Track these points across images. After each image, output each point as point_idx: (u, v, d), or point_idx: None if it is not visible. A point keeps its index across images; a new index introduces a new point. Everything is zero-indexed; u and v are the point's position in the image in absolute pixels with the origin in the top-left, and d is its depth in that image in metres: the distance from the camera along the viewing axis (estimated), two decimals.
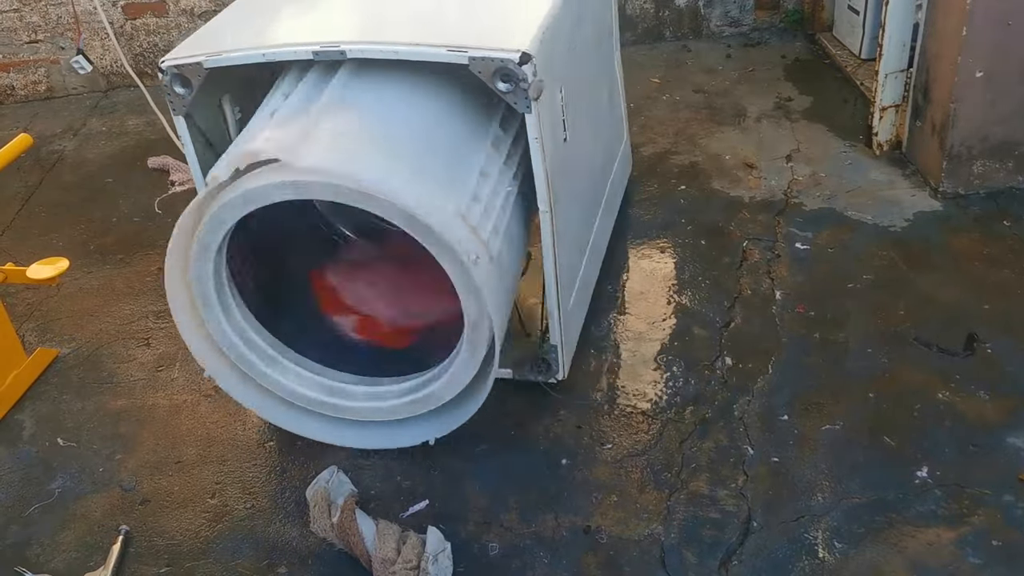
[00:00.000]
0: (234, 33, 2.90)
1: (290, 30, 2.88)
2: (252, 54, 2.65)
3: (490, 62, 2.45)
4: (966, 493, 2.68)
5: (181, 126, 2.80)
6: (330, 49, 2.57)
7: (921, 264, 3.57)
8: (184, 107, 2.74)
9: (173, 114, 2.78)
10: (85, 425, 3.23)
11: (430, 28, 2.76)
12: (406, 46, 2.54)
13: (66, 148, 5.09)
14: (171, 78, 2.69)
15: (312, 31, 2.83)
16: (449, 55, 2.49)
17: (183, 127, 2.79)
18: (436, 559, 2.54)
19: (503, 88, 2.48)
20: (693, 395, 3.10)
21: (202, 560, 2.72)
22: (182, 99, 2.72)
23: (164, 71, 2.70)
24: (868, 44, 4.86)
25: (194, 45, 2.80)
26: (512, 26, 2.67)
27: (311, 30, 2.85)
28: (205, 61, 2.65)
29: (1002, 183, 3.89)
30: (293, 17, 2.97)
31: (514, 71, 2.44)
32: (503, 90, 2.49)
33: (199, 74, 2.67)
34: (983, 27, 3.54)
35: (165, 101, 2.80)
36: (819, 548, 2.57)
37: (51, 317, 3.77)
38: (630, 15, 5.53)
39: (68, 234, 4.31)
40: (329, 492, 2.71)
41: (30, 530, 2.86)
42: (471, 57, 2.46)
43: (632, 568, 2.58)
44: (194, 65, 2.66)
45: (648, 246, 3.84)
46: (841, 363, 3.16)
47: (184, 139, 2.82)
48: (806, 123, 4.60)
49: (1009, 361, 3.09)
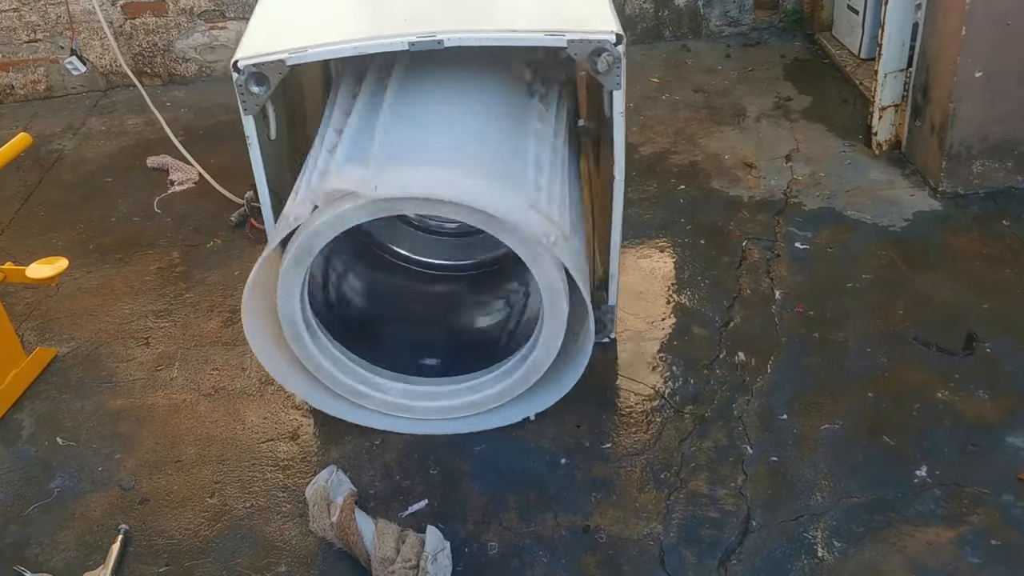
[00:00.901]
0: (296, 27, 2.90)
1: (362, 22, 2.89)
2: (343, 48, 2.66)
3: (588, 44, 2.62)
4: (965, 492, 2.68)
5: (249, 126, 2.76)
6: (427, 39, 2.62)
7: (920, 264, 3.57)
8: (258, 106, 2.71)
9: (244, 114, 2.73)
10: (84, 424, 3.23)
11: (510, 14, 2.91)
12: (505, 32, 2.69)
13: (65, 147, 5.09)
14: (247, 77, 2.66)
15: (384, 22, 2.82)
16: (548, 39, 2.65)
17: (251, 125, 2.76)
18: (435, 558, 2.54)
19: (602, 67, 2.65)
20: (692, 394, 3.10)
21: (201, 559, 2.72)
22: (257, 97, 2.69)
23: (240, 70, 2.66)
24: (867, 44, 4.86)
25: (260, 44, 2.76)
26: (586, 10, 2.86)
27: (383, 21, 2.84)
28: (288, 58, 2.64)
29: (1001, 183, 3.89)
30: (351, 11, 3.01)
31: (611, 51, 2.63)
32: (601, 69, 2.66)
33: (280, 72, 2.66)
34: (982, 27, 3.54)
35: (162, 100, 2.82)
36: (818, 547, 2.57)
37: (50, 316, 3.77)
38: (629, 15, 5.53)
39: (67, 233, 4.30)
40: (328, 491, 2.71)
41: (29, 529, 2.86)
42: (569, 40, 2.62)
43: (631, 567, 2.58)
44: (275, 63, 2.64)
45: (647, 246, 3.84)
46: (840, 363, 3.16)
47: (251, 139, 2.79)
48: (805, 123, 4.60)
49: (1008, 361, 3.09)
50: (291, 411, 3.20)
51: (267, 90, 2.68)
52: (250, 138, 2.78)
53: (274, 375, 2.97)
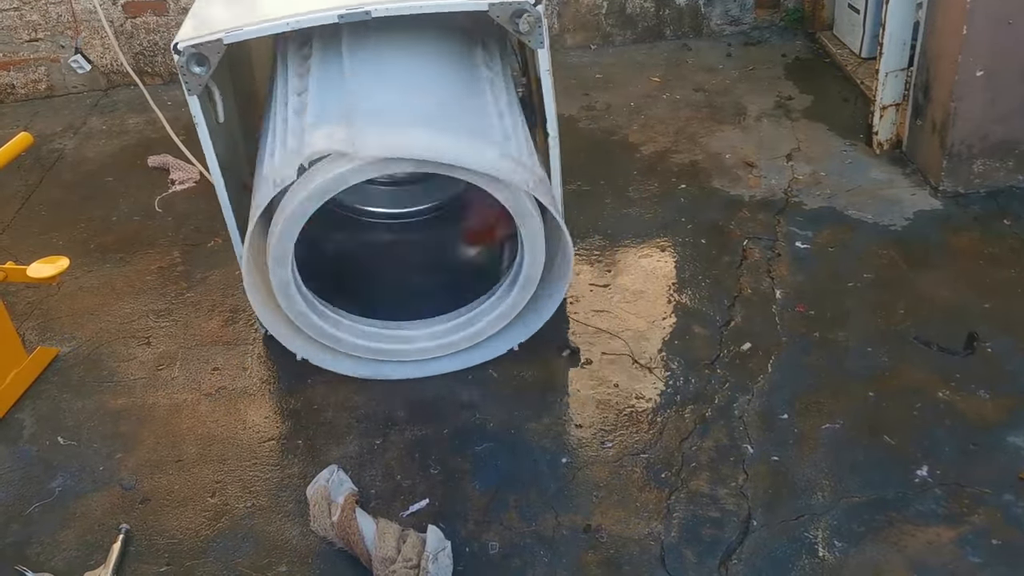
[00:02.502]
0: (234, 11, 2.98)
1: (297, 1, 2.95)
2: (277, 24, 2.76)
3: (508, 6, 2.78)
4: (966, 492, 2.68)
5: (195, 105, 2.85)
6: (356, 11, 2.74)
7: (921, 263, 3.57)
8: (200, 86, 2.81)
9: (188, 94, 2.82)
10: (85, 424, 3.23)
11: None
12: (430, 0, 2.79)
13: (66, 147, 5.09)
14: (188, 58, 2.75)
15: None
16: (470, 3, 2.80)
17: (196, 106, 2.85)
18: (436, 558, 2.54)
19: (523, 28, 2.81)
20: (693, 394, 3.10)
21: (202, 559, 2.72)
22: (198, 78, 2.79)
23: (180, 52, 2.75)
24: (868, 43, 4.86)
25: (199, 26, 2.86)
26: None
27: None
28: (225, 37, 2.73)
29: (1002, 182, 3.89)
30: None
31: (531, 11, 2.79)
32: (523, 30, 2.81)
33: (218, 51, 2.75)
34: (983, 26, 3.54)
35: (163, 99, 2.87)
36: (819, 547, 2.57)
37: (51, 316, 3.77)
38: (630, 14, 5.53)
39: (68, 233, 4.31)
40: (329, 491, 2.71)
41: (30, 529, 2.86)
42: (491, 3, 2.78)
43: (632, 567, 2.58)
44: (213, 43, 2.73)
45: (648, 245, 3.84)
46: (841, 362, 3.16)
47: (197, 118, 2.88)
48: (806, 122, 4.60)
49: (1009, 360, 3.09)
50: (291, 411, 3.20)
51: (208, 70, 2.77)
52: (196, 117, 2.87)
53: (276, 335, 3.19)
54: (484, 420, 3.09)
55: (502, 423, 3.07)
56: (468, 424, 3.08)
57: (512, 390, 3.19)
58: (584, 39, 5.61)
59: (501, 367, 3.28)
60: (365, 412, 3.17)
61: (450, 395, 3.20)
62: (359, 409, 3.18)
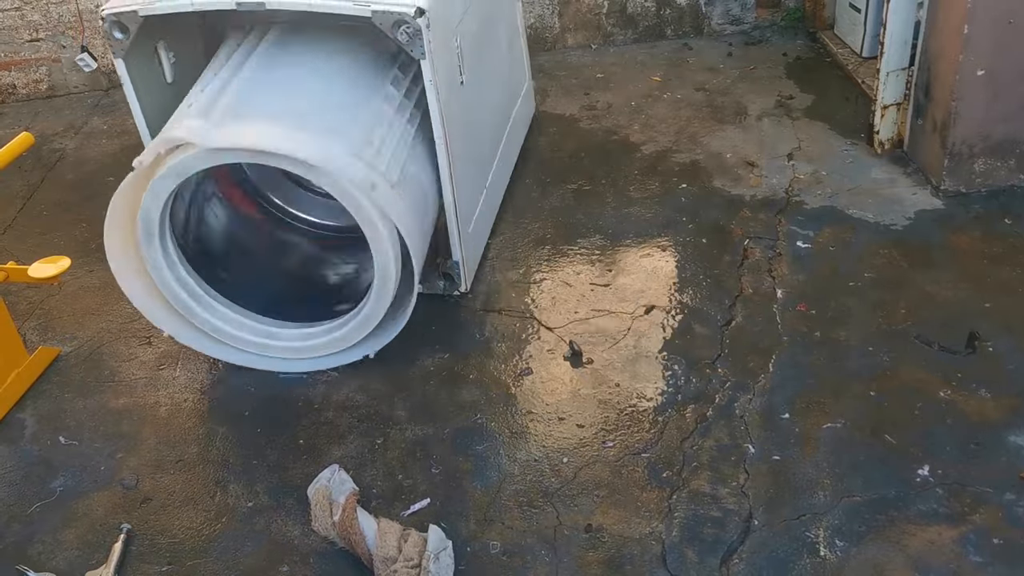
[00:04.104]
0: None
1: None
2: (181, 4, 3.06)
3: (390, 15, 2.93)
4: (967, 491, 2.68)
5: (120, 67, 3.20)
6: (250, 0, 2.98)
7: (922, 262, 3.56)
8: (123, 50, 3.16)
9: (113, 57, 3.19)
10: (87, 423, 3.23)
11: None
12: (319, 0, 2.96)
13: (67, 147, 5.10)
14: (110, 24, 3.11)
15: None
16: (354, 8, 2.94)
17: (122, 68, 3.21)
18: (437, 557, 2.54)
19: (402, 38, 2.94)
20: (694, 393, 3.10)
21: (203, 558, 2.72)
22: (121, 43, 3.15)
23: (104, 19, 3.10)
24: (869, 42, 4.85)
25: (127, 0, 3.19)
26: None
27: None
28: (140, 9, 3.08)
29: (1003, 181, 3.89)
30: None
31: (410, 22, 2.91)
32: (402, 40, 2.95)
33: (135, 21, 3.09)
34: (984, 25, 3.54)
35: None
36: (820, 546, 2.57)
37: (53, 316, 3.77)
38: (631, 13, 5.53)
39: (69, 233, 4.31)
40: (330, 491, 2.71)
41: (32, 528, 2.86)
42: (373, 11, 2.93)
43: (633, 566, 2.58)
44: (130, 13, 3.10)
45: (649, 244, 3.84)
46: (842, 361, 3.16)
47: (124, 79, 3.23)
48: (807, 121, 4.59)
49: (1010, 359, 3.09)
50: (292, 411, 3.20)
51: (128, 36, 3.12)
52: (123, 78, 3.23)
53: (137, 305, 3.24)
54: (484, 420, 3.09)
55: (502, 423, 3.07)
56: (468, 424, 3.09)
57: (512, 390, 3.19)
58: (585, 39, 5.62)
59: (500, 367, 3.28)
60: (366, 412, 3.17)
61: (450, 395, 3.20)
62: (360, 409, 3.18)
